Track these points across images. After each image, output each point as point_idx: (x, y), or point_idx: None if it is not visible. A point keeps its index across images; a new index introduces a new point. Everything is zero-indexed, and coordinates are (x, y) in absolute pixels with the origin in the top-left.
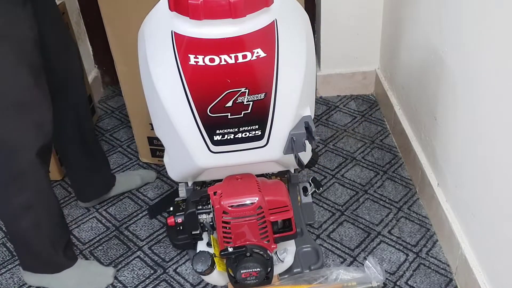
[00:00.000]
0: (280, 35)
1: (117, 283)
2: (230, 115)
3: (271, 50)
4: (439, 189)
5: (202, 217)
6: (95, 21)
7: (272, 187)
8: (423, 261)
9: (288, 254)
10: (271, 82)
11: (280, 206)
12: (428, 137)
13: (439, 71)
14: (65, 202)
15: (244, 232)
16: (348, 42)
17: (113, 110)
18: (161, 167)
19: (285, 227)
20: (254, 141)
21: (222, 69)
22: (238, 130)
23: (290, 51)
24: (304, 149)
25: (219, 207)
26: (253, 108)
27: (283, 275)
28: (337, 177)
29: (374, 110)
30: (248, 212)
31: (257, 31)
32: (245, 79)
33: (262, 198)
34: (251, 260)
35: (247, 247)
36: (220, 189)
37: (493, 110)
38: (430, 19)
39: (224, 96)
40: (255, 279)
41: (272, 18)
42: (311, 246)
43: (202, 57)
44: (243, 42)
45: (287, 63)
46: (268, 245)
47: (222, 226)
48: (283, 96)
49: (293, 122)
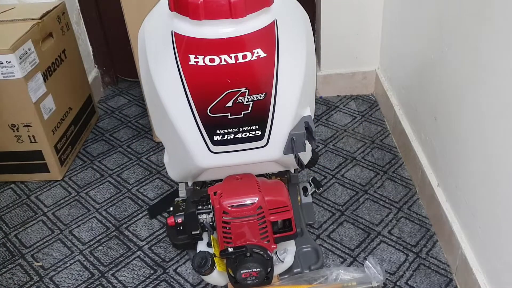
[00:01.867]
0: (280, 35)
1: (117, 283)
2: (230, 115)
3: (271, 50)
4: (439, 189)
5: (202, 217)
6: (95, 21)
7: (272, 187)
8: (423, 261)
9: (288, 254)
10: (271, 82)
11: (280, 206)
12: (428, 137)
13: (439, 71)
14: (65, 202)
15: (244, 232)
16: (348, 42)
17: (113, 110)
18: (162, 166)
19: (285, 227)
20: (254, 141)
21: (222, 69)
22: (238, 130)
23: (290, 51)
24: (304, 149)
25: (219, 207)
26: (253, 108)
27: (283, 275)
28: (337, 177)
29: (374, 110)
30: (248, 212)
31: (257, 31)
32: (245, 79)
33: (262, 198)
34: (251, 260)
35: (247, 247)
36: (220, 189)
37: (493, 110)
38: (430, 19)
39: (224, 96)
40: (255, 279)
41: (272, 18)
42: (311, 246)
43: (202, 57)
44: (243, 42)
45: (287, 63)
46: (268, 245)
47: (222, 226)
48: (283, 96)
49: (293, 122)
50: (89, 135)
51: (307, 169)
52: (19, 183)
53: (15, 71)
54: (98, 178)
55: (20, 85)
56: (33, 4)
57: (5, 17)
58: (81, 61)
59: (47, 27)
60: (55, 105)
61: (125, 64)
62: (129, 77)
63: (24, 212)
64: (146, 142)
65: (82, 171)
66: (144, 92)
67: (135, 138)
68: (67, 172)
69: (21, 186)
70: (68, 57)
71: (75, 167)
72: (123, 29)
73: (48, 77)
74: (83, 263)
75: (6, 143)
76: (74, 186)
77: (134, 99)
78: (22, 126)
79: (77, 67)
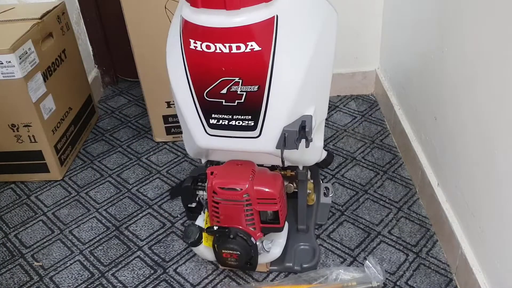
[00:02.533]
0: (280, 32)
1: (117, 283)
2: (225, 101)
3: (267, 45)
4: (439, 189)
5: (200, 193)
6: (95, 21)
7: (267, 179)
8: (423, 261)
9: (276, 246)
10: (265, 76)
11: (268, 198)
12: (428, 137)
13: (439, 71)
14: (65, 202)
15: (232, 215)
16: (348, 42)
17: (113, 110)
18: (162, 166)
19: (276, 218)
20: (247, 131)
21: (217, 56)
22: (232, 117)
23: (291, 48)
24: (296, 147)
25: (210, 187)
26: (246, 99)
27: (273, 267)
28: (337, 177)
29: (374, 110)
30: (235, 196)
31: (252, 25)
32: (238, 70)
33: (251, 186)
34: (232, 242)
35: (230, 229)
36: (217, 170)
37: (493, 110)
38: (430, 19)
39: (219, 83)
40: (235, 261)
41: (272, 13)
42: (309, 245)
43: (200, 42)
44: (236, 33)
45: (285, 60)
46: (253, 232)
47: (212, 205)
48: (277, 92)
49: (289, 119)
50: (89, 135)
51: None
52: (19, 183)
53: (15, 71)
54: (98, 178)
55: (20, 85)
56: (33, 4)
57: (5, 17)
58: (81, 61)
59: (47, 27)
60: (55, 105)
61: (125, 64)
62: (129, 77)
63: (24, 212)
64: (146, 142)
65: (82, 171)
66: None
67: (135, 138)
68: (67, 172)
69: (21, 186)
70: (68, 57)
71: (75, 167)
72: (123, 29)
73: (48, 77)
74: (83, 263)
75: (6, 143)
76: (74, 186)
77: (134, 99)
78: (22, 126)
79: (77, 67)
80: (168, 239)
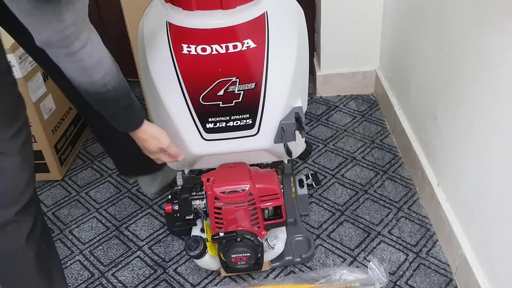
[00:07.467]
0: (271, 27)
1: (117, 283)
2: (222, 103)
3: (261, 41)
4: (439, 189)
5: (195, 203)
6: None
7: (264, 176)
8: (423, 261)
9: (279, 241)
10: (261, 72)
11: (271, 194)
12: (428, 137)
13: (439, 71)
14: (65, 202)
15: (235, 218)
16: (348, 42)
17: None
18: None
19: (276, 214)
20: (245, 130)
21: (213, 58)
22: (230, 118)
23: (280, 42)
24: (293, 139)
25: (211, 193)
26: (244, 98)
27: (275, 262)
28: (337, 177)
29: (374, 110)
30: (239, 198)
31: (247, 22)
32: (236, 69)
33: (253, 185)
34: (241, 245)
35: (237, 232)
36: (213, 176)
37: (493, 110)
38: (430, 19)
39: (216, 85)
40: (245, 263)
41: (263, 10)
42: (303, 236)
43: (195, 46)
44: (234, 32)
45: (277, 54)
46: (258, 231)
47: (214, 212)
48: (273, 86)
49: (284, 112)
50: (89, 135)
51: (306, 164)
52: None
53: (15, 71)
54: (98, 178)
55: (20, 85)
56: None
57: None
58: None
59: None
60: (55, 105)
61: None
62: (129, 77)
63: None
64: None
65: (82, 171)
66: (142, 82)
67: None
68: (67, 172)
69: None
70: None
71: (75, 167)
72: (123, 29)
73: (48, 77)
74: (83, 263)
75: None
76: (74, 186)
77: None
78: None
79: None
80: (168, 239)
